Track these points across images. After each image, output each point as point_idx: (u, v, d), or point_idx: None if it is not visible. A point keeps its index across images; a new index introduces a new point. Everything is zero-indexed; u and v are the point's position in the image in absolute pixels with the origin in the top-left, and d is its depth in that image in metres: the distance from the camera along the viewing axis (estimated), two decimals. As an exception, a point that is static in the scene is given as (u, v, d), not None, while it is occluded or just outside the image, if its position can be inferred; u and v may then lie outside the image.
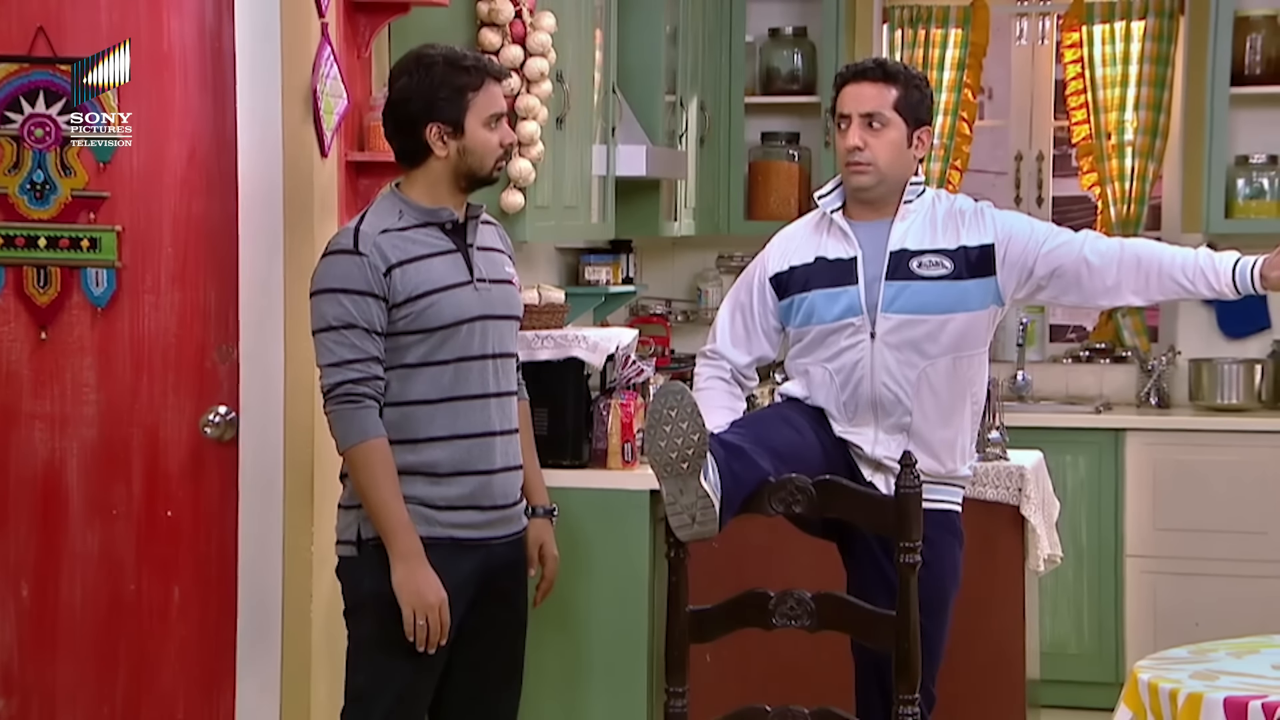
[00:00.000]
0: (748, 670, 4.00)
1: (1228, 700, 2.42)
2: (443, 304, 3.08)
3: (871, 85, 3.38)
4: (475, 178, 3.15)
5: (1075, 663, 5.43)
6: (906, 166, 3.41)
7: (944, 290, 3.35)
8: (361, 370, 3.05)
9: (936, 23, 6.02)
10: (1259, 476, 5.39)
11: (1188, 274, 3.35)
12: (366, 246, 3.07)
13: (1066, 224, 6.36)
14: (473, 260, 3.14)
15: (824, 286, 3.39)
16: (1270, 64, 5.67)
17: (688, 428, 2.89)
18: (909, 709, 2.96)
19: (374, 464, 3.04)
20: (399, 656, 3.09)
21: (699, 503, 2.93)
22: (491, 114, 3.13)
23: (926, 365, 3.34)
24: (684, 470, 2.91)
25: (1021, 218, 3.46)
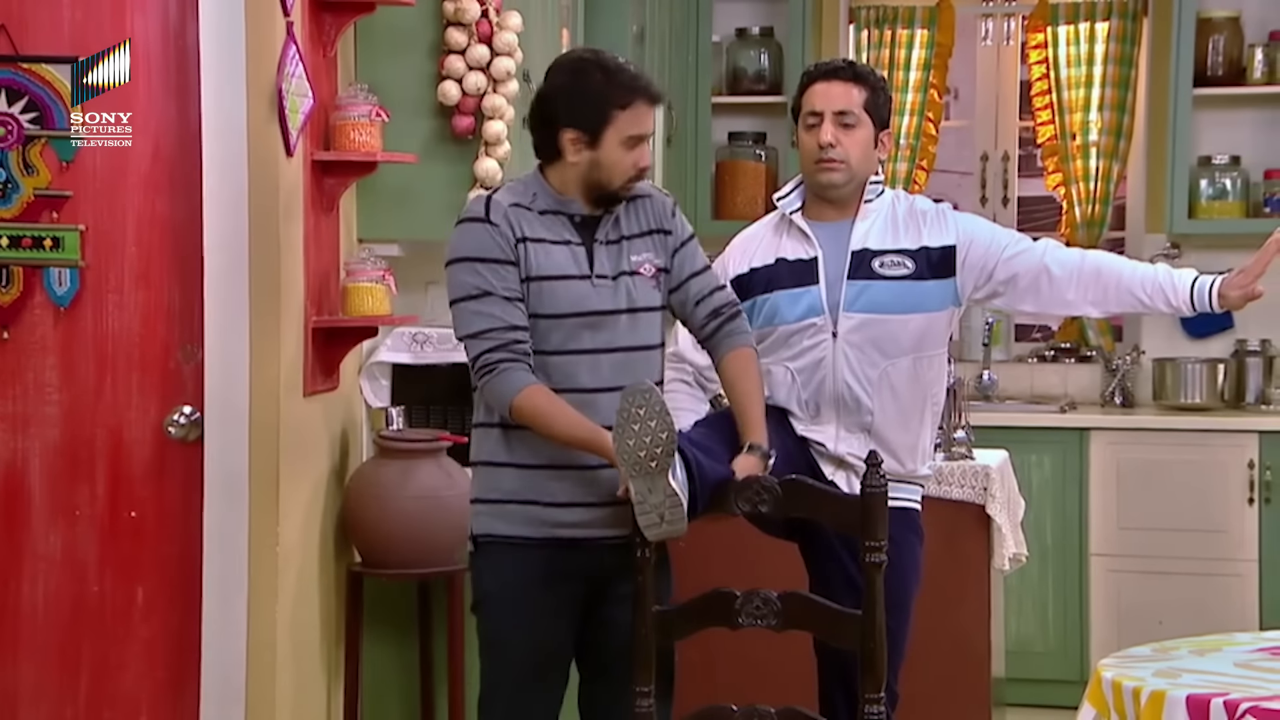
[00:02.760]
0: (714, 670, 4.00)
1: (1190, 698, 2.43)
2: (553, 292, 3.07)
3: (842, 84, 3.41)
4: (602, 190, 3.11)
5: (1040, 661, 5.46)
6: (871, 166, 3.44)
7: (905, 290, 3.36)
8: (500, 337, 3.03)
9: (902, 23, 6.04)
10: (1222, 475, 5.42)
11: (1146, 289, 3.38)
12: (498, 216, 3.06)
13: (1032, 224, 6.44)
14: (595, 255, 3.11)
15: (785, 287, 3.40)
16: (1232, 65, 5.71)
17: (656, 426, 2.89)
18: (875, 708, 2.97)
19: (538, 406, 3.03)
20: (508, 658, 3.11)
21: (667, 501, 2.93)
22: (633, 134, 3.08)
23: (888, 365, 3.36)
24: (652, 469, 2.91)
25: (983, 221, 3.49)
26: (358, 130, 3.84)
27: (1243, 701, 2.39)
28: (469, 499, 3.21)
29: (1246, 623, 5.32)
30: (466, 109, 4.06)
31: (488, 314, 3.05)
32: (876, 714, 2.98)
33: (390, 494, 3.87)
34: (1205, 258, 5.85)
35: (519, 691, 3.13)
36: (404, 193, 4.10)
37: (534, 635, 3.12)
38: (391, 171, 4.02)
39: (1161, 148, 5.77)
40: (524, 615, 3.11)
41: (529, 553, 3.11)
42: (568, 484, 3.09)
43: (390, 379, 4.16)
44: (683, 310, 3.23)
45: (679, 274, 3.20)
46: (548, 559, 3.11)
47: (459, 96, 4.05)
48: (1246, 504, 5.40)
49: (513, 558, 3.12)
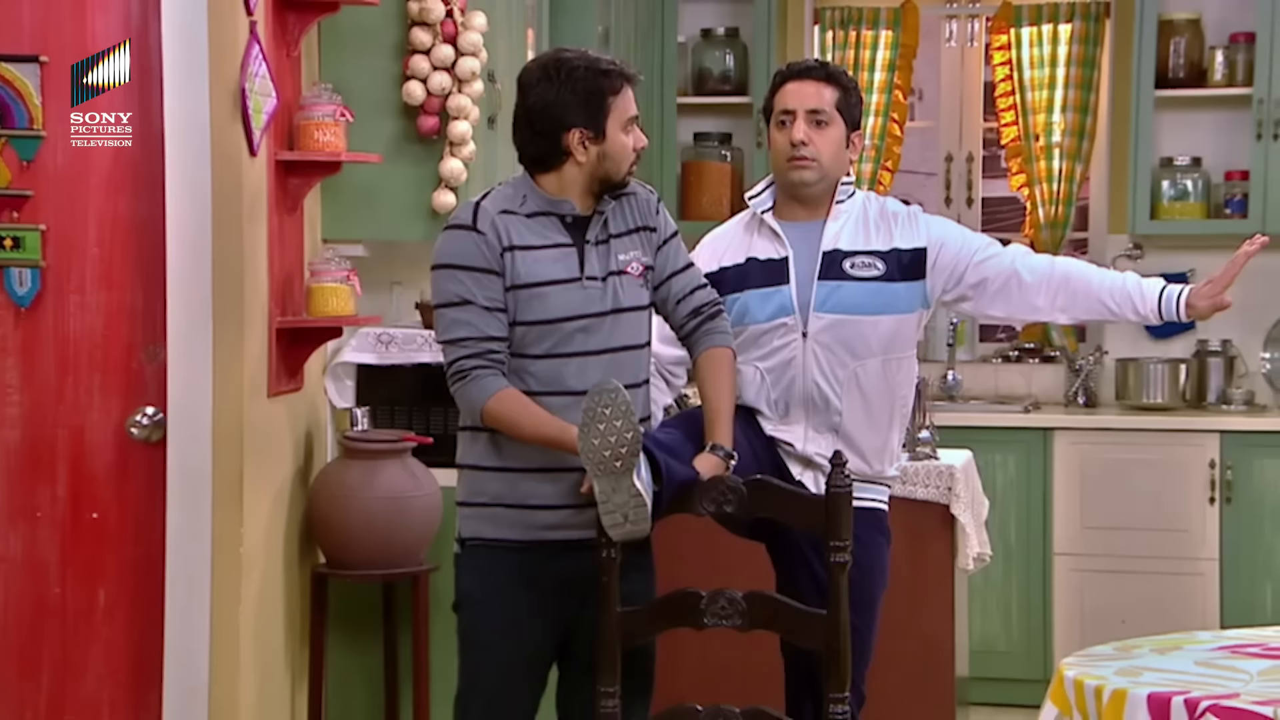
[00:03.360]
0: (679, 670, 4.01)
1: (1151, 696, 2.45)
2: (545, 299, 3.07)
3: (815, 84, 3.42)
4: (610, 182, 3.12)
5: (1004, 660, 5.48)
6: (843, 166, 3.46)
7: (876, 291, 3.37)
8: (474, 346, 3.05)
9: (867, 24, 6.06)
10: (1183, 475, 5.46)
11: (1115, 297, 3.41)
12: (485, 224, 3.06)
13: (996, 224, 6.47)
14: (585, 257, 3.11)
15: (756, 287, 3.41)
16: (1193, 67, 5.75)
17: (621, 426, 2.89)
18: (839, 707, 2.98)
19: (508, 409, 3.05)
20: (488, 659, 3.11)
21: (631, 501, 2.93)
22: (629, 117, 3.11)
23: (857, 366, 3.37)
24: (617, 469, 2.91)
25: (954, 225, 3.51)
26: (322, 130, 3.83)
27: (1203, 700, 2.41)
28: (456, 501, 3.21)
29: (1208, 621, 5.36)
30: (431, 109, 4.05)
31: (466, 322, 3.06)
32: (841, 714, 2.99)
33: (355, 495, 3.86)
34: (1167, 258, 5.90)
35: (498, 691, 3.13)
36: (369, 193, 4.09)
37: (516, 636, 3.12)
38: (356, 171, 4.00)
39: (1124, 149, 5.80)
40: (506, 616, 3.11)
41: (515, 555, 3.11)
42: (554, 487, 3.10)
43: (355, 379, 4.15)
44: (664, 307, 3.24)
45: (662, 271, 3.21)
46: (533, 562, 3.11)
47: (424, 96, 4.04)
48: (1208, 503, 5.43)
49: (498, 560, 3.12)
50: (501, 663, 3.13)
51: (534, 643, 3.14)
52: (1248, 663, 2.64)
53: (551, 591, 3.12)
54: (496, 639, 3.12)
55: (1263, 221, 5.58)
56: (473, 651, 3.15)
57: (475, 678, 3.15)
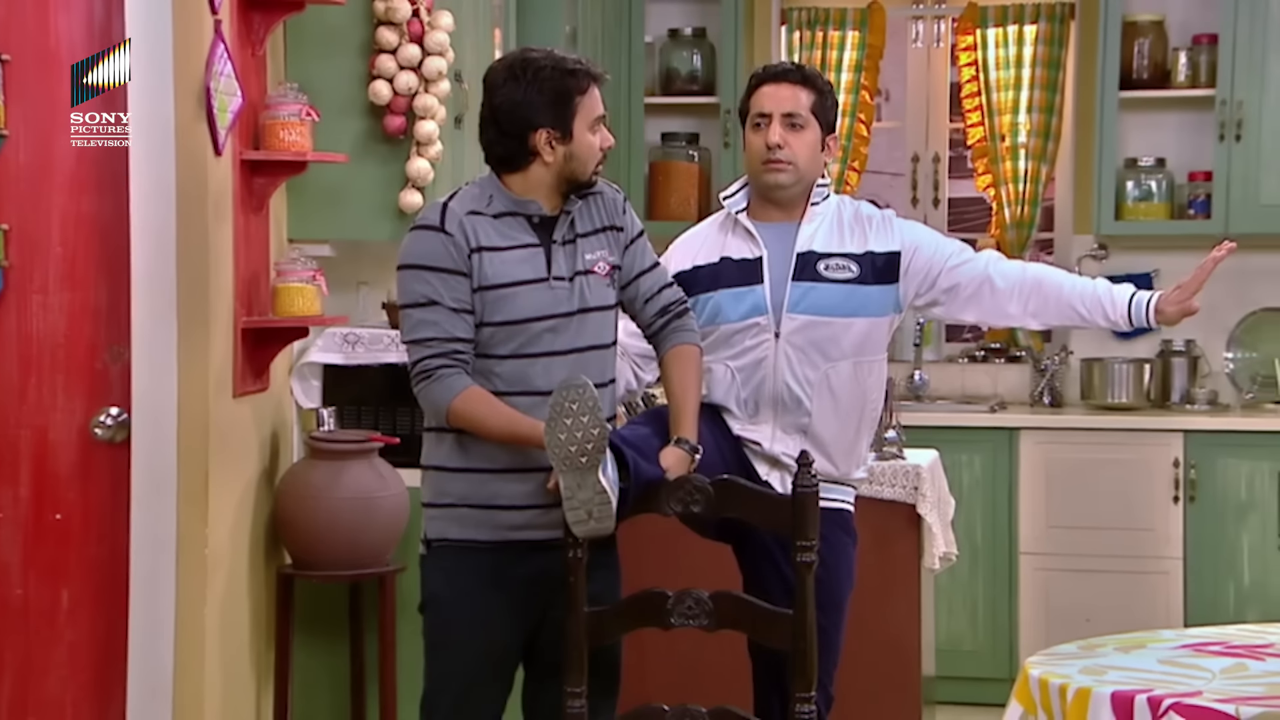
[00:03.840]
0: (646, 670, 4.01)
1: (1115, 694, 2.46)
2: (513, 300, 3.07)
3: (791, 87, 3.43)
4: (576, 182, 3.12)
5: (970, 659, 5.50)
6: (818, 169, 3.47)
7: (849, 294, 3.38)
8: (439, 346, 3.04)
9: (834, 25, 6.07)
10: (1147, 474, 5.49)
11: (1085, 303, 3.43)
12: (453, 225, 3.06)
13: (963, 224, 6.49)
14: (553, 257, 3.11)
15: (729, 286, 3.41)
16: (1157, 68, 5.78)
17: (588, 422, 2.89)
18: (805, 707, 2.99)
19: (474, 408, 3.05)
20: (455, 660, 3.11)
21: (596, 499, 2.92)
22: (596, 117, 3.11)
23: (829, 368, 3.37)
24: (583, 465, 2.91)
25: (928, 230, 3.53)
26: (287, 130, 3.81)
27: (1166, 698, 2.42)
28: (421, 502, 3.21)
29: (1171, 619, 5.39)
30: (398, 109, 4.04)
31: (432, 322, 3.05)
32: (808, 713, 2.99)
33: (321, 495, 3.85)
34: (1132, 259, 5.94)
35: (465, 692, 3.13)
36: (335, 193, 4.08)
37: (483, 637, 3.12)
38: (322, 171, 3.99)
39: (1089, 150, 5.83)
40: (474, 617, 3.11)
41: (482, 556, 3.11)
42: (521, 487, 3.09)
43: (321, 379, 4.14)
44: (632, 307, 3.25)
45: (629, 271, 3.22)
46: (501, 562, 3.11)
47: (390, 96, 4.03)
48: (1171, 502, 5.47)
49: (465, 561, 3.12)
50: (469, 663, 3.13)
51: (501, 643, 3.14)
52: (1210, 661, 2.66)
53: (518, 592, 3.12)
54: (464, 640, 3.12)
55: (1225, 223, 5.62)
56: (440, 652, 3.15)
57: (442, 679, 3.14)
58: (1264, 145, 5.56)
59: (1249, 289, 5.81)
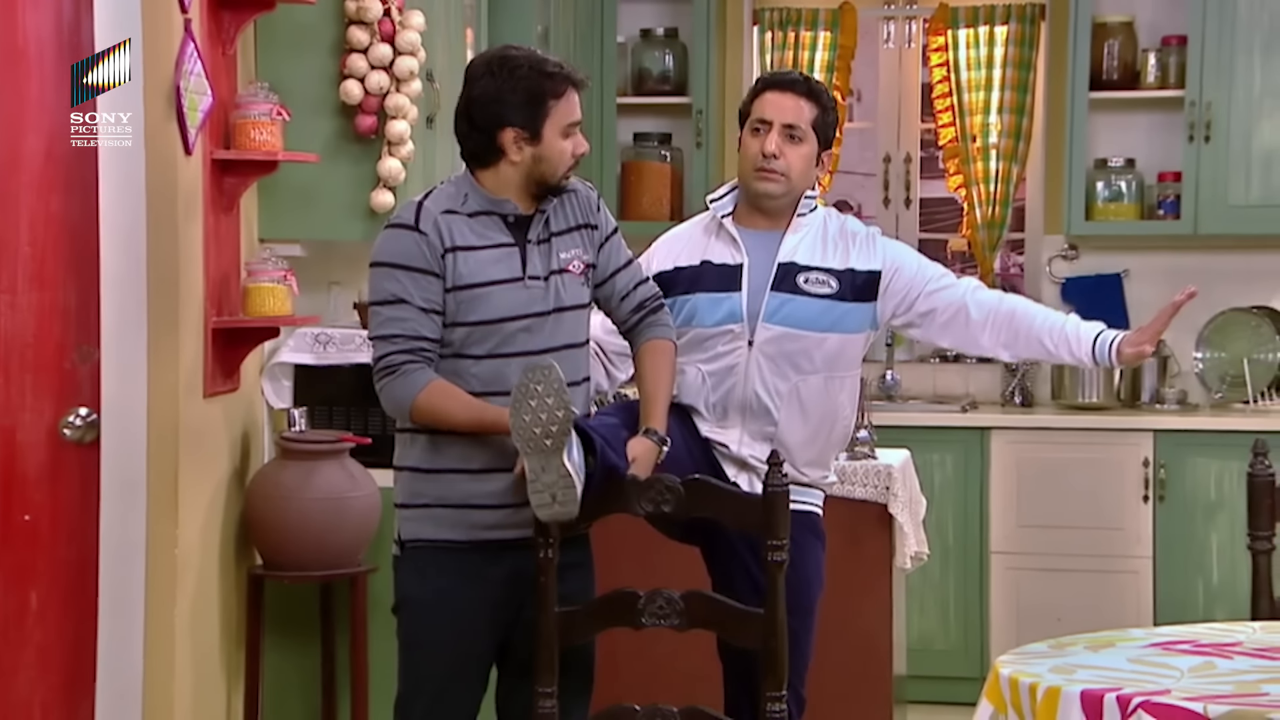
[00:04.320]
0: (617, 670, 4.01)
1: (1084, 693, 2.46)
2: (487, 300, 3.07)
3: (795, 98, 3.43)
4: (545, 184, 3.11)
5: (941, 658, 5.51)
6: (808, 182, 3.46)
7: (826, 309, 3.38)
8: (405, 344, 3.04)
9: (806, 25, 6.08)
10: (1118, 473, 5.51)
11: (1053, 338, 3.45)
12: (427, 224, 3.05)
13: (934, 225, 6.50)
14: (528, 256, 3.10)
15: (708, 290, 3.41)
16: (1126, 69, 5.80)
17: (553, 404, 2.89)
18: (776, 706, 2.99)
19: (439, 399, 3.04)
20: (431, 661, 3.10)
21: (560, 481, 2.92)
22: (569, 122, 3.09)
23: (799, 380, 3.38)
24: (547, 447, 2.90)
25: (911, 251, 3.53)
26: (258, 129, 3.80)
27: (1135, 696, 2.43)
28: (394, 503, 3.20)
29: (1141, 618, 5.41)
30: (369, 108, 4.03)
31: (399, 319, 3.05)
32: (779, 713, 3.00)
33: (292, 495, 3.84)
34: (1102, 259, 5.97)
35: (440, 693, 3.13)
36: (306, 192, 4.07)
37: (457, 638, 3.12)
38: (293, 171, 3.98)
39: (1059, 150, 5.85)
40: (448, 618, 3.11)
41: (456, 556, 3.11)
42: (494, 486, 3.09)
43: (292, 380, 4.13)
44: (607, 304, 3.26)
45: (605, 269, 3.22)
46: (475, 562, 3.11)
47: (361, 96, 4.02)
48: (1141, 501, 5.49)
49: (439, 561, 3.12)
50: (443, 665, 3.12)
51: (476, 644, 3.14)
52: (1179, 659, 2.67)
53: (493, 592, 3.11)
54: (438, 641, 3.11)
55: (1195, 223, 5.66)
56: (414, 654, 3.14)
57: (417, 680, 3.14)
58: (1232, 146, 5.59)
59: (1217, 289, 5.84)
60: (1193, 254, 5.88)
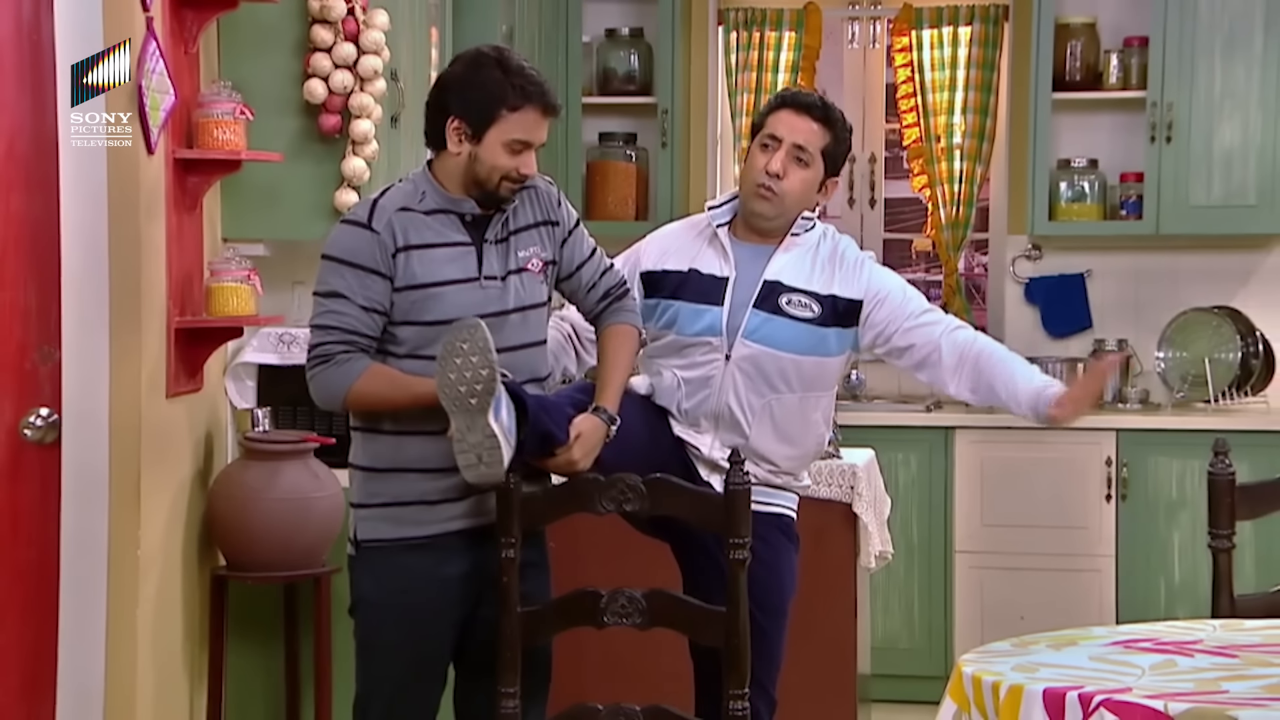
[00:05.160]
0: (580, 669, 4.01)
1: (1046, 691, 2.47)
2: (441, 299, 3.06)
3: (810, 121, 3.40)
4: (481, 188, 3.10)
5: (906, 657, 5.53)
6: (806, 205, 3.43)
7: (806, 333, 3.36)
8: (342, 336, 3.04)
9: (770, 25, 6.09)
10: (1081, 472, 5.54)
11: (1006, 388, 3.43)
12: (380, 223, 3.05)
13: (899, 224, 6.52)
14: (484, 256, 3.10)
15: (691, 300, 3.40)
16: (1089, 70, 5.84)
17: (478, 362, 2.89)
18: (739, 704, 2.99)
19: (377, 384, 3.04)
20: (389, 660, 3.10)
21: (485, 442, 2.92)
22: (518, 139, 3.07)
23: (774, 398, 3.38)
24: (472, 406, 2.91)
25: (897, 282, 3.47)
26: (221, 128, 3.78)
27: (1097, 694, 2.44)
28: (350, 503, 3.19)
29: (1104, 617, 5.44)
30: (333, 107, 4.02)
31: (338, 313, 3.06)
32: (741, 710, 3.00)
33: (256, 496, 3.82)
34: (1065, 259, 6.00)
35: (398, 693, 3.12)
36: (270, 192, 4.05)
37: (415, 638, 3.11)
38: (257, 170, 3.96)
39: (1023, 151, 5.88)
40: (405, 618, 3.11)
41: (414, 555, 3.10)
42: (454, 480, 3.08)
43: (256, 380, 4.11)
44: (574, 297, 3.27)
45: (569, 264, 3.23)
46: (432, 561, 3.10)
47: (325, 95, 4.01)
48: (1104, 500, 5.52)
49: (395, 561, 3.11)
50: (401, 665, 3.12)
51: (433, 643, 3.13)
52: (1140, 657, 2.69)
53: (450, 590, 3.11)
54: (395, 641, 3.11)
55: (1156, 223, 5.69)
56: (371, 654, 3.13)
57: (375, 681, 3.13)
58: (1194, 147, 5.62)
59: (1179, 289, 5.88)
60: (1155, 254, 5.92)
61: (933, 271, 6.41)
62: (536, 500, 3.10)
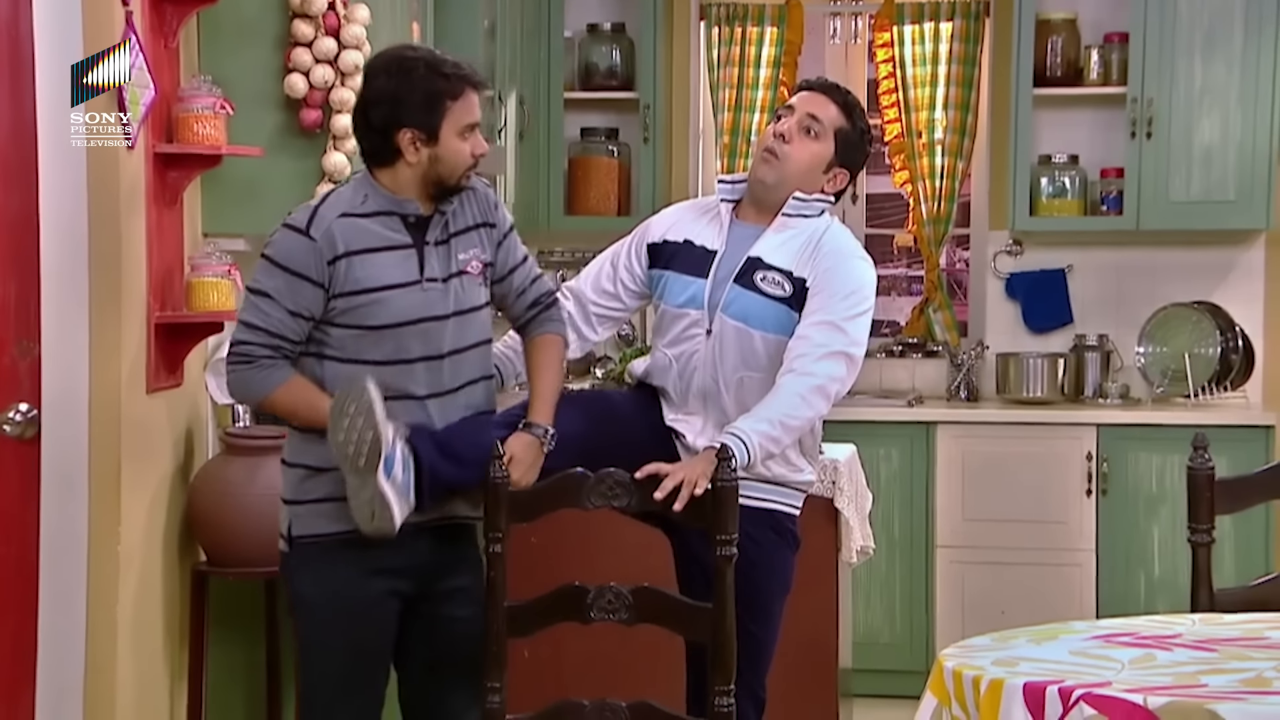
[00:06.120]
0: (564, 665, 4.01)
1: (1026, 686, 2.48)
2: (383, 304, 3.07)
3: (826, 99, 3.40)
4: (443, 185, 3.11)
5: (887, 652, 5.54)
6: (806, 183, 3.38)
7: (774, 311, 3.33)
8: (266, 339, 3.05)
9: (752, 21, 6.09)
10: (1061, 467, 5.56)
11: None
12: (319, 231, 3.05)
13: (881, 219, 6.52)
14: (426, 259, 3.11)
15: (679, 271, 3.40)
16: (1069, 66, 5.85)
17: (362, 424, 2.94)
18: (724, 700, 3.00)
19: (289, 398, 3.08)
20: (335, 656, 3.10)
21: (376, 499, 2.97)
22: (466, 124, 3.09)
23: (745, 374, 3.36)
24: (361, 467, 2.96)
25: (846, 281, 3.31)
26: (201, 123, 3.77)
27: (1076, 688, 2.45)
28: (282, 498, 3.19)
29: (1084, 611, 5.46)
30: (314, 102, 4.01)
31: (266, 313, 3.08)
32: (726, 706, 3.01)
33: (237, 491, 3.82)
34: (1046, 254, 6.02)
35: (340, 694, 3.11)
36: (250, 186, 4.04)
37: (355, 635, 3.11)
38: (237, 165, 3.95)
39: (1004, 146, 5.89)
40: (344, 613, 3.10)
41: (349, 551, 3.10)
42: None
43: (236, 375, 4.09)
44: (504, 302, 3.28)
45: (502, 267, 3.24)
46: (371, 554, 3.09)
47: (306, 90, 4.00)
48: (1085, 495, 5.54)
49: (333, 555, 3.11)
50: (344, 661, 3.12)
51: (373, 640, 3.13)
52: (1120, 651, 2.70)
53: (388, 583, 3.11)
54: (336, 636, 3.10)
55: (1137, 219, 5.71)
56: (314, 651, 3.13)
57: (320, 677, 3.13)
58: (1174, 143, 5.64)
59: (1159, 285, 5.90)
60: (1135, 249, 5.94)
61: (914, 267, 6.42)
62: (524, 496, 3.10)
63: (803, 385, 3.23)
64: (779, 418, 3.20)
